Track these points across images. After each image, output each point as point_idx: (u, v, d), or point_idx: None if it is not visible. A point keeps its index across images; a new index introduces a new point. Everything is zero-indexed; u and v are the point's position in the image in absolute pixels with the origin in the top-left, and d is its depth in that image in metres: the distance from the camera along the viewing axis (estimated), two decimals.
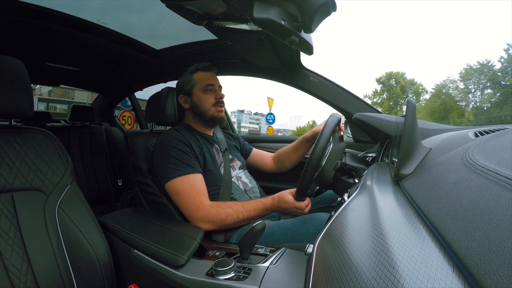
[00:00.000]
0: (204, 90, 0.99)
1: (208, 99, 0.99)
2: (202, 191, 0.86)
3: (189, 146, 0.91)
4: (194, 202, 0.82)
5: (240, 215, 0.82)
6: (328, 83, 1.33)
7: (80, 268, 0.68)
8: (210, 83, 1.00)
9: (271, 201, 0.85)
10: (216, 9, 0.73)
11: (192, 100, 1.01)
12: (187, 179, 0.85)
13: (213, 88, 1.01)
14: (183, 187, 0.84)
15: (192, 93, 1.00)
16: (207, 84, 1.00)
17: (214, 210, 0.81)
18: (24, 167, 0.69)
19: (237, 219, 0.82)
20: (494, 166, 0.26)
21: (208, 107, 0.99)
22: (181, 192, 0.84)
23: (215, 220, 0.81)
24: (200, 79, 1.01)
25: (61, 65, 1.56)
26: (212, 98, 0.99)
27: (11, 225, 0.64)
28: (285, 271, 0.59)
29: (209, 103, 0.99)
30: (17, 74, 0.67)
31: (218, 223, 0.81)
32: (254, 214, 0.84)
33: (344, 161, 0.78)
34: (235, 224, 0.83)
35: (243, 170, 1.07)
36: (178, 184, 0.85)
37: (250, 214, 0.83)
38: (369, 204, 0.36)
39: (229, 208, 0.82)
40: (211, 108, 0.99)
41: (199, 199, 0.83)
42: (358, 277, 0.22)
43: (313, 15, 0.59)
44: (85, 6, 1.01)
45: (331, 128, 0.80)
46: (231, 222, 0.82)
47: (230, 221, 0.82)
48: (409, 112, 0.44)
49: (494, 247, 0.17)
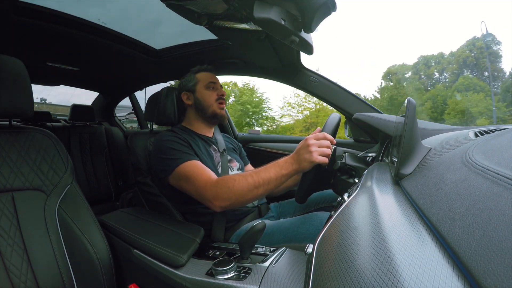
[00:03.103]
0: (207, 87, 1.03)
1: (211, 95, 1.02)
2: (207, 170, 0.84)
3: (185, 141, 0.91)
4: (201, 180, 0.80)
5: (249, 178, 0.74)
6: (328, 83, 1.33)
7: (80, 267, 0.68)
8: (212, 81, 1.05)
9: (284, 158, 0.76)
10: (216, 9, 0.73)
11: (195, 96, 1.03)
12: (190, 164, 0.84)
13: (215, 86, 1.04)
14: (188, 171, 0.82)
15: (196, 90, 1.03)
16: (209, 81, 1.04)
17: (221, 181, 0.78)
18: (24, 167, 0.69)
19: (246, 183, 0.74)
20: (494, 166, 0.26)
21: (211, 102, 1.02)
22: (188, 176, 0.82)
23: (224, 190, 0.75)
24: (203, 78, 1.05)
25: (61, 65, 1.55)
26: (214, 95, 1.02)
27: (11, 225, 0.64)
28: (285, 271, 0.59)
29: (212, 99, 1.02)
30: (17, 74, 0.67)
31: (228, 194, 0.75)
32: (266, 175, 0.74)
33: (344, 161, 0.78)
34: (248, 191, 0.74)
35: (241, 171, 1.07)
36: (182, 170, 0.83)
37: (260, 175, 0.74)
38: (369, 204, 0.36)
39: (236, 175, 0.78)
40: (213, 103, 1.02)
41: (206, 176, 0.80)
42: (358, 277, 0.22)
43: (313, 15, 0.59)
44: (85, 6, 1.01)
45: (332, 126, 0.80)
46: (241, 188, 0.74)
47: (239, 187, 0.74)
48: (409, 112, 0.44)
49: (494, 247, 0.17)
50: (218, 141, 1.06)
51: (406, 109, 0.44)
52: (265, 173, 0.75)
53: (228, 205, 0.77)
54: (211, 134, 1.07)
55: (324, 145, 0.71)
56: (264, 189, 0.75)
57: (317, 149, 0.70)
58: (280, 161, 0.76)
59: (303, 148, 0.72)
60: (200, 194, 0.79)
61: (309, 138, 0.73)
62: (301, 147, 0.73)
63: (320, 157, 0.70)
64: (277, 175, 0.74)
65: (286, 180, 0.76)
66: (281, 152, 1.55)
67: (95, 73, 1.78)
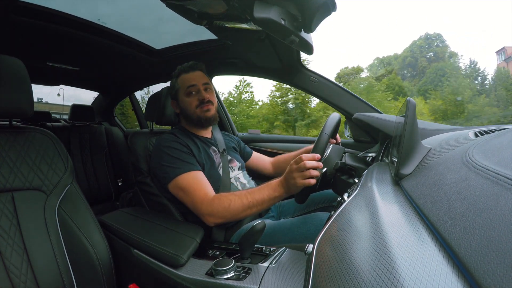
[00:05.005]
0: (187, 93, 0.98)
1: (191, 102, 0.98)
2: (206, 185, 0.85)
3: (186, 147, 0.91)
4: (199, 195, 0.81)
5: (244, 199, 0.78)
6: (328, 83, 1.33)
7: (80, 267, 0.68)
8: (191, 84, 0.98)
9: (276, 181, 0.80)
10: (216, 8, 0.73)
11: (179, 105, 1.01)
12: (189, 175, 0.85)
13: (195, 88, 0.98)
14: (187, 183, 0.84)
15: (178, 98, 1.00)
16: (188, 86, 0.98)
17: (217, 199, 0.80)
18: (24, 167, 0.69)
19: (241, 204, 0.78)
20: (494, 166, 0.26)
21: (193, 110, 0.97)
22: (186, 189, 0.83)
23: (219, 209, 0.78)
24: (182, 83, 0.99)
25: (61, 65, 1.56)
26: (195, 100, 0.97)
27: (11, 225, 0.64)
28: (285, 271, 0.59)
29: (192, 106, 0.97)
30: (17, 74, 0.67)
31: (223, 213, 0.78)
32: (259, 197, 0.78)
33: (344, 161, 0.78)
34: (242, 211, 0.78)
35: (242, 171, 1.06)
36: (181, 181, 0.84)
37: (254, 197, 0.78)
38: (369, 204, 0.36)
39: (232, 195, 0.80)
40: (195, 110, 0.97)
41: (204, 192, 0.82)
42: (358, 277, 0.22)
43: (313, 15, 0.59)
44: (85, 6, 1.01)
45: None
46: (236, 208, 0.78)
47: (234, 207, 0.78)
48: (409, 112, 0.44)
49: (494, 247, 0.17)
50: (218, 141, 1.06)
51: (406, 109, 0.44)
52: (259, 194, 0.79)
53: (221, 222, 0.81)
54: (209, 134, 1.07)
55: (303, 169, 0.74)
56: (257, 209, 0.79)
57: (299, 174, 0.74)
58: (273, 183, 0.80)
59: (288, 174, 0.77)
60: (196, 208, 0.82)
61: (291, 165, 0.77)
62: (287, 173, 0.78)
63: (303, 181, 0.74)
64: (270, 196, 0.79)
65: (279, 201, 0.81)
66: (281, 152, 1.55)
67: (95, 73, 1.78)
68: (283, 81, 1.42)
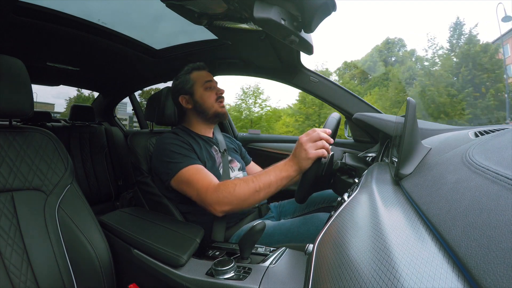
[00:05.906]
0: (205, 87, 1.00)
1: (210, 96, 1.00)
2: (209, 174, 0.84)
3: (188, 144, 0.91)
4: (203, 185, 0.80)
5: (250, 183, 0.75)
6: (328, 83, 1.33)
7: (80, 267, 0.68)
8: (208, 79, 1.02)
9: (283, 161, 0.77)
10: (216, 9, 0.73)
11: (194, 98, 1.01)
12: (192, 168, 0.84)
13: (212, 84, 1.02)
14: (190, 175, 0.83)
15: (194, 92, 1.01)
16: (206, 81, 1.01)
17: (222, 185, 0.78)
18: (24, 167, 0.69)
19: (247, 188, 0.74)
20: (494, 166, 0.26)
21: (212, 103, 1.00)
22: (189, 181, 0.82)
23: (225, 194, 0.75)
24: (198, 78, 1.02)
25: (61, 65, 1.56)
26: (213, 95, 1.01)
27: (11, 225, 0.64)
28: (285, 271, 0.59)
29: (212, 100, 1.00)
30: (17, 74, 0.67)
31: (229, 198, 0.75)
32: (266, 179, 0.75)
33: (344, 161, 0.78)
34: (249, 195, 0.75)
35: (242, 171, 1.06)
36: (184, 174, 0.83)
37: (261, 180, 0.75)
38: (369, 204, 0.36)
39: (237, 180, 0.78)
40: (214, 104, 1.00)
41: (208, 181, 0.81)
42: (358, 277, 0.22)
43: (313, 15, 0.59)
44: (85, 6, 1.01)
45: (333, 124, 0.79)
46: (242, 192, 0.74)
47: (240, 192, 0.74)
48: (409, 112, 0.44)
49: (494, 247, 0.17)
50: (219, 141, 1.06)
51: (406, 109, 0.44)
52: (265, 176, 0.75)
53: (229, 210, 0.77)
54: (211, 134, 1.07)
55: (316, 139, 0.72)
56: (265, 193, 0.75)
57: (311, 144, 0.71)
58: (279, 164, 0.77)
59: (298, 148, 0.74)
60: (202, 198, 0.79)
61: (301, 137, 0.74)
62: (296, 148, 0.74)
63: (316, 151, 0.71)
64: (277, 178, 0.75)
65: (287, 182, 0.76)
66: (281, 152, 1.55)
67: (95, 73, 1.78)
68: (283, 81, 1.42)
